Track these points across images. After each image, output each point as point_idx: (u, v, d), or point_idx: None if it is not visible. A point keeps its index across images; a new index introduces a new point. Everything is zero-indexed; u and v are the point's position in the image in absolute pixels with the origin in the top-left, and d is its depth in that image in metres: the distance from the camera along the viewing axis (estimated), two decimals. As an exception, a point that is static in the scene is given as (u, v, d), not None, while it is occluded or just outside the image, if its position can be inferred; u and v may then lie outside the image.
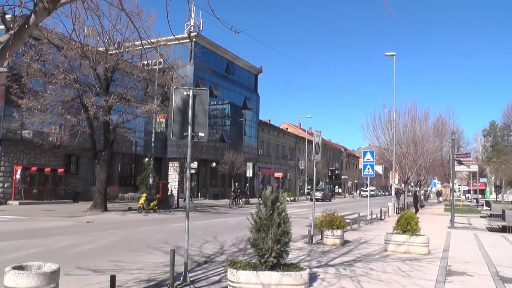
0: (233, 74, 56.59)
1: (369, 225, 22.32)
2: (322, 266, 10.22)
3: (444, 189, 71.77)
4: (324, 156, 79.50)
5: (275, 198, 7.20)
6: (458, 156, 29.82)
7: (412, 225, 13.00)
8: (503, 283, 9.17)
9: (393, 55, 32.31)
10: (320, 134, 16.19)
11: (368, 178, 28.53)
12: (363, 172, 25.97)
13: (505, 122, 61.32)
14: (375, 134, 35.56)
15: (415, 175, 38.93)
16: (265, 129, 65.85)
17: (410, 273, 9.86)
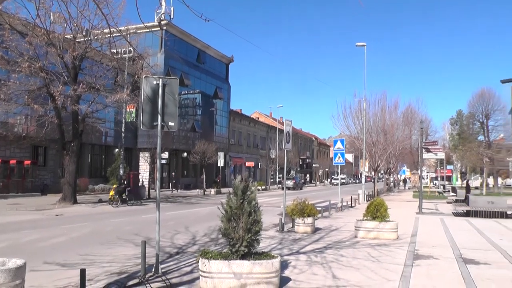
0: (204, 63, 56.15)
1: (339, 212, 22.59)
2: (293, 254, 10.30)
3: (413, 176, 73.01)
4: (295, 145, 79.95)
5: (245, 187, 7.20)
6: (426, 144, 30.42)
7: (382, 212, 13.23)
8: (465, 264, 9.61)
9: (364, 45, 32.69)
10: (291, 123, 16.25)
11: (339, 166, 28.83)
12: (333, 160, 26.19)
13: (471, 111, 62.52)
14: (345, 123, 36.01)
15: (385, 163, 39.54)
16: (236, 118, 65.72)
17: (379, 258, 10.07)
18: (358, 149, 39.30)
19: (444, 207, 27.91)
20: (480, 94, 59.94)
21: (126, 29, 25.21)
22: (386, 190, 49.75)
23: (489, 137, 58.96)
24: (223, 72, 61.95)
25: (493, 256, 10.81)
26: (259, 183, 55.04)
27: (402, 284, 7.71)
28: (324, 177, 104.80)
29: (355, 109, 35.90)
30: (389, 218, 13.50)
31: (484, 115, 59.17)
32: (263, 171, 69.55)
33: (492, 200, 22.31)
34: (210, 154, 42.81)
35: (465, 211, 21.91)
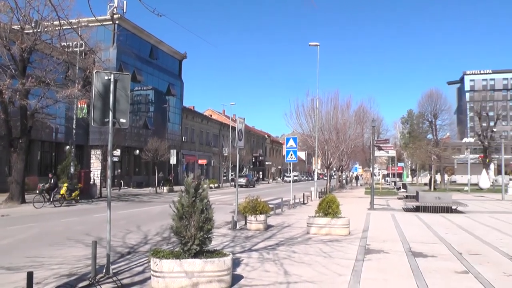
0: (157, 59, 55.37)
1: (292, 209, 22.79)
2: (245, 251, 10.35)
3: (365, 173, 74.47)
4: (248, 142, 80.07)
5: (197, 185, 7.17)
6: (377, 142, 31.03)
7: (333, 208, 13.43)
8: (414, 257, 10.01)
9: (317, 45, 33.08)
10: (243, 121, 16.26)
11: (291, 164, 29.00)
12: (286, 158, 26.34)
13: (420, 111, 64.51)
14: (298, 122, 36.43)
15: (337, 160, 40.14)
16: (189, 115, 65.23)
17: (331, 253, 10.24)
18: (310, 147, 39.82)
19: (395, 203, 28.60)
20: (428, 94, 61.78)
21: (77, 21, 24.45)
22: (338, 187, 50.56)
23: (436, 135, 60.82)
24: (176, 69, 61.30)
25: (439, 249, 11.28)
26: (212, 180, 54.86)
27: (353, 278, 7.88)
28: (277, 174, 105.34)
29: (307, 107, 36.38)
30: (341, 214, 13.72)
31: (432, 115, 60.98)
32: (216, 168, 69.45)
33: (439, 195, 23.18)
34: (163, 152, 42.31)
35: (415, 206, 22.55)
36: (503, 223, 17.64)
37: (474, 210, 23.18)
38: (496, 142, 54.14)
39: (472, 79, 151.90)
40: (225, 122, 74.69)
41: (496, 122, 61.64)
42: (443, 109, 61.53)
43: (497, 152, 53.72)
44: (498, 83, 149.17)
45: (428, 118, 62.32)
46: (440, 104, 61.19)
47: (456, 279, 8.06)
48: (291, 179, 32.97)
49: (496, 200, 32.99)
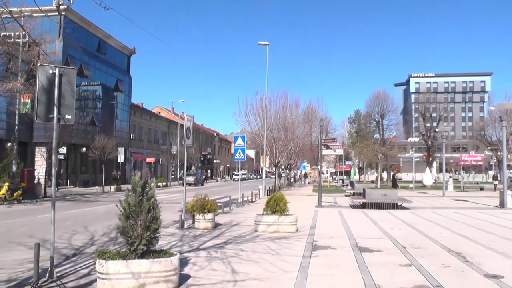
0: (105, 54, 54.06)
1: (240, 207, 22.83)
2: (193, 251, 10.29)
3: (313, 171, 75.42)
4: (197, 140, 79.61)
5: (144, 183, 7.06)
6: (325, 141, 31.52)
7: (281, 206, 13.55)
8: (361, 252, 10.28)
9: (266, 44, 33.25)
10: (191, 118, 16.17)
11: (239, 162, 29.05)
12: (234, 156, 26.39)
13: (368, 111, 66.17)
14: (247, 120, 36.50)
15: (286, 158, 40.50)
16: (137, 112, 64.19)
17: (278, 251, 10.33)
18: (259, 145, 40.00)
19: (342, 200, 29.09)
20: (376, 95, 63.46)
21: (19, 10, 23.53)
22: (286, 185, 50.97)
23: (383, 135, 62.52)
24: (125, 64, 60.17)
25: (385, 243, 11.63)
26: (160, 179, 54.21)
27: (300, 275, 7.98)
28: (226, 173, 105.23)
29: (256, 106, 36.53)
30: (289, 211, 13.86)
31: (379, 115, 62.63)
32: (164, 167, 68.69)
33: (385, 193, 23.82)
34: (110, 150, 41.42)
35: (362, 203, 23.08)
36: (444, 218, 18.37)
37: (418, 206, 24.00)
38: (439, 142, 55.98)
39: (417, 81, 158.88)
40: (174, 120, 73.90)
41: (438, 123, 63.72)
42: (390, 109, 63.44)
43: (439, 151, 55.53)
44: (441, 86, 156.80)
45: (375, 118, 63.95)
46: (387, 105, 63.02)
47: (400, 272, 8.36)
48: (239, 177, 33.03)
49: (438, 196, 34.19)
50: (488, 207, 24.26)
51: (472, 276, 8.14)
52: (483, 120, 75.01)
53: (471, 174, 72.31)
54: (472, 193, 40.07)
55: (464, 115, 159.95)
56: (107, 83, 53.74)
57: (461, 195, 35.65)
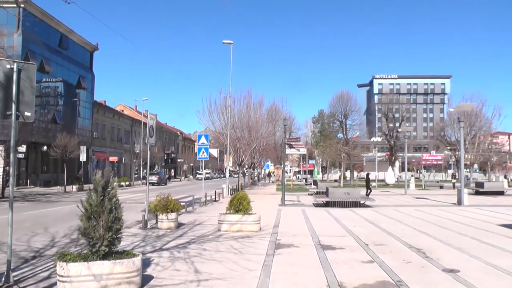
0: (67, 49, 52.68)
1: (204, 207, 22.75)
2: (156, 251, 10.20)
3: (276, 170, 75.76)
4: (160, 139, 78.92)
5: (106, 183, 6.94)
6: (289, 140, 31.74)
7: (244, 205, 13.57)
8: (323, 250, 10.44)
9: (230, 43, 33.21)
10: (154, 117, 16.03)
11: (203, 161, 28.91)
12: (198, 155, 26.24)
13: (331, 111, 66.98)
14: (211, 119, 36.36)
15: (249, 157, 40.54)
16: (100, 110, 63.00)
17: (242, 249, 10.35)
18: (223, 144, 39.96)
19: (305, 199, 29.33)
20: (339, 96, 64.36)
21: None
22: (250, 184, 51.08)
23: (347, 135, 63.38)
24: (87, 61, 58.89)
25: (348, 241, 11.84)
26: (123, 178, 53.44)
27: (263, 273, 8.01)
28: (189, 172, 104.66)
29: (220, 105, 36.43)
30: (252, 210, 13.88)
31: (343, 115, 63.47)
32: (128, 166, 67.76)
33: (348, 191, 24.13)
34: (72, 148, 40.53)
35: (325, 202, 23.27)
36: (405, 215, 18.81)
37: (380, 204, 24.44)
38: (401, 142, 57.10)
39: (380, 83, 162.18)
40: (137, 118, 72.83)
41: (401, 123, 65.06)
42: (353, 110, 64.44)
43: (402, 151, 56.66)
44: (403, 88, 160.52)
45: (339, 118, 64.78)
46: (350, 105, 64.02)
47: (362, 268, 8.53)
48: (203, 177, 32.91)
49: (400, 194, 34.86)
50: (447, 205, 24.91)
51: (432, 271, 8.43)
52: (443, 121, 76.90)
53: (431, 173, 73.92)
54: (432, 191, 41.06)
55: (425, 116, 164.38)
56: (69, 79, 52.51)
57: (422, 193, 36.47)
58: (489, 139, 60.04)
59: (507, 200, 29.07)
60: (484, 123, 51.95)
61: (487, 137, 57.27)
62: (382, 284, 7.41)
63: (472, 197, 30.10)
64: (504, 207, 23.50)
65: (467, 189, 27.18)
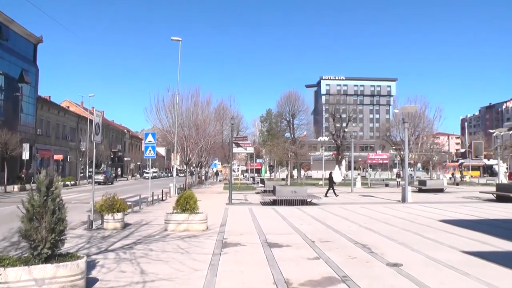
0: (8, 40, 50.09)
1: (150, 206, 22.49)
2: (102, 252, 10.00)
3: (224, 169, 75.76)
4: (106, 137, 77.42)
5: (50, 182, 6.73)
6: (236, 139, 31.74)
7: (191, 204, 13.52)
8: (270, 248, 10.55)
9: (179, 40, 32.95)
10: (101, 114, 15.73)
11: (150, 160, 28.56)
12: (145, 153, 25.91)
13: (279, 110, 67.65)
14: (158, 117, 35.95)
15: (197, 156, 40.38)
16: (44, 106, 60.68)
17: (188, 249, 10.31)
18: (170, 142, 39.61)
19: (253, 197, 29.48)
20: (287, 96, 65.04)
21: None
22: (197, 183, 50.88)
23: (294, 134, 64.10)
24: (31, 53, 56.24)
25: (294, 238, 12.02)
26: (68, 177, 52.14)
27: (210, 272, 8.02)
28: (136, 170, 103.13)
29: (168, 102, 36.06)
30: (199, 210, 13.84)
31: (290, 115, 64.12)
32: (73, 164, 65.95)
33: (295, 189, 24.38)
34: (14, 146, 39.03)
35: (272, 200, 23.45)
36: (351, 213, 19.25)
37: (327, 202, 24.85)
38: (347, 141, 58.29)
39: (328, 83, 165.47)
40: (84, 115, 70.71)
41: (347, 123, 66.39)
42: (301, 109, 65.30)
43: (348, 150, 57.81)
44: (350, 89, 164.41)
45: (287, 118, 65.47)
46: (298, 105, 64.83)
47: (309, 265, 8.69)
48: (150, 176, 32.52)
49: (346, 192, 35.49)
50: (392, 202, 25.63)
51: (376, 265, 8.73)
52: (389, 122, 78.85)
53: (377, 171, 75.69)
54: (378, 189, 42.18)
55: (371, 116, 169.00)
56: (10, 72, 50.02)
57: (368, 191, 37.33)
58: (431, 139, 62.20)
59: (446, 197, 30.38)
60: (426, 124, 53.65)
61: (429, 137, 59.34)
62: (328, 279, 7.57)
63: (416, 194, 31.29)
64: (444, 203, 24.60)
65: (411, 187, 28.25)
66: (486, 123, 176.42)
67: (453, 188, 43.89)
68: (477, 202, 26.08)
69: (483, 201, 26.71)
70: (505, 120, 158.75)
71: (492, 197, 27.80)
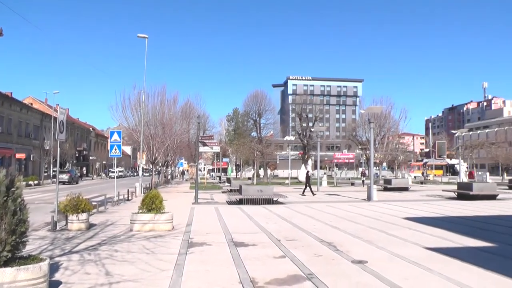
0: (-37, 32, 48.90)
1: (116, 206, 22.20)
2: (65, 254, 9.80)
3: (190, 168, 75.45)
4: (71, 135, 76.09)
5: (10, 182, 6.55)
6: (202, 138, 31.62)
7: (157, 204, 13.42)
8: (236, 247, 10.57)
9: (145, 37, 32.57)
10: (65, 111, 15.48)
11: (115, 159, 28.20)
12: (110, 152, 25.58)
13: (246, 110, 67.78)
14: (124, 115, 35.46)
15: (163, 155, 40.07)
16: (5, 103, 58.81)
17: (154, 249, 10.23)
18: (136, 141, 39.17)
19: (219, 196, 29.45)
20: (254, 95, 65.26)
21: None
22: (164, 182, 50.53)
23: (260, 133, 64.30)
24: (-11, 48, 55.19)
25: (260, 237, 12.06)
26: (32, 177, 51.01)
27: (176, 273, 7.97)
28: (102, 170, 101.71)
29: (134, 100, 35.57)
30: (165, 209, 13.75)
31: (257, 114, 64.33)
32: (37, 163, 64.45)
33: (261, 188, 24.44)
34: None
35: (238, 199, 23.47)
36: (317, 211, 19.41)
37: (293, 201, 25.01)
38: (314, 141, 58.67)
39: (294, 83, 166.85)
40: (48, 112, 68.69)
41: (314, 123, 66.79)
42: (267, 109, 65.64)
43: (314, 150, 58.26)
44: (317, 89, 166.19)
45: (253, 117, 65.63)
46: (264, 105, 65.12)
47: (274, 264, 8.75)
48: (115, 175, 32.10)
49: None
50: (358, 201, 25.97)
51: (341, 263, 8.86)
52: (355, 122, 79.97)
53: (343, 170, 76.60)
54: (344, 188, 42.73)
55: (338, 116, 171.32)
56: (-34, 68, 48.70)
57: (334, 190, 37.73)
58: (396, 139, 63.32)
59: (411, 195, 31.00)
60: (392, 124, 54.55)
61: (394, 137, 60.39)
62: (294, 277, 7.63)
63: (381, 193, 31.76)
64: (409, 201, 25.07)
65: (377, 186, 28.78)
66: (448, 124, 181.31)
67: (418, 186, 44.86)
68: (439, 200, 26.75)
69: (445, 199, 27.41)
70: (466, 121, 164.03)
71: (454, 195, 28.54)
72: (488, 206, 22.02)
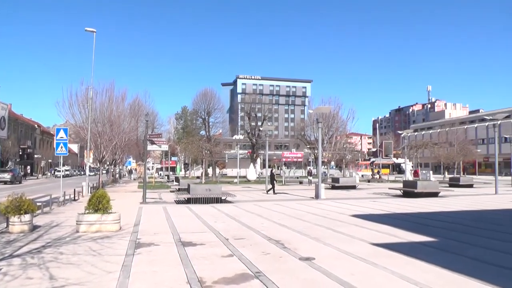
0: None
1: (62, 207, 21.64)
2: (5, 259, 9.40)
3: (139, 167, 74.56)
4: (14, 132, 73.75)
5: None
6: (151, 136, 31.32)
7: (104, 204, 13.18)
8: (184, 247, 10.58)
9: (93, 31, 31.78)
10: (7, 107, 15.17)
11: (61, 157, 27.49)
12: (56, 150, 24.93)
13: (195, 108, 67.40)
14: (71, 112, 34.50)
15: (111, 154, 39.41)
16: None
17: (101, 251, 10.06)
18: (83, 139, 38.29)
19: (167, 196, 29.23)
20: (203, 93, 64.96)
21: None
22: (111, 181, 49.70)
23: (209, 132, 64.15)
24: None
25: (208, 237, 12.11)
26: (-29, 177, 49.13)
27: (122, 274, 7.89)
28: (47, 168, 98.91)
29: (81, 97, 34.66)
30: (112, 209, 13.53)
31: (206, 112, 64.13)
32: (-24, 163, 62.40)
33: (210, 187, 24.41)
34: None
35: (186, 198, 23.40)
36: (265, 210, 19.65)
37: (241, 200, 25.22)
38: (262, 140, 59.12)
39: (244, 82, 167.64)
40: (-12, 109, 66.96)
41: (263, 122, 67.27)
42: (216, 107, 65.49)
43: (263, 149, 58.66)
44: (266, 89, 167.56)
45: (202, 115, 65.30)
46: (213, 103, 64.93)
47: (222, 263, 8.81)
48: (62, 174, 31.33)
49: (260, 190, 36.03)
50: (306, 199, 26.38)
51: (289, 260, 9.04)
52: (304, 122, 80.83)
53: (292, 169, 77.30)
54: (292, 186, 43.19)
55: (287, 116, 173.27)
56: None
57: (282, 189, 38.07)
58: (344, 139, 64.57)
59: (358, 193, 31.75)
60: (340, 124, 55.46)
61: (342, 137, 61.49)
62: (242, 276, 7.71)
63: (329, 191, 32.42)
64: (356, 199, 25.73)
65: (324, 184, 29.42)
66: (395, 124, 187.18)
67: (365, 184, 45.96)
68: (386, 197, 27.58)
69: (391, 196, 28.29)
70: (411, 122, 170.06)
71: (400, 193, 29.49)
72: (431, 203, 23.08)
